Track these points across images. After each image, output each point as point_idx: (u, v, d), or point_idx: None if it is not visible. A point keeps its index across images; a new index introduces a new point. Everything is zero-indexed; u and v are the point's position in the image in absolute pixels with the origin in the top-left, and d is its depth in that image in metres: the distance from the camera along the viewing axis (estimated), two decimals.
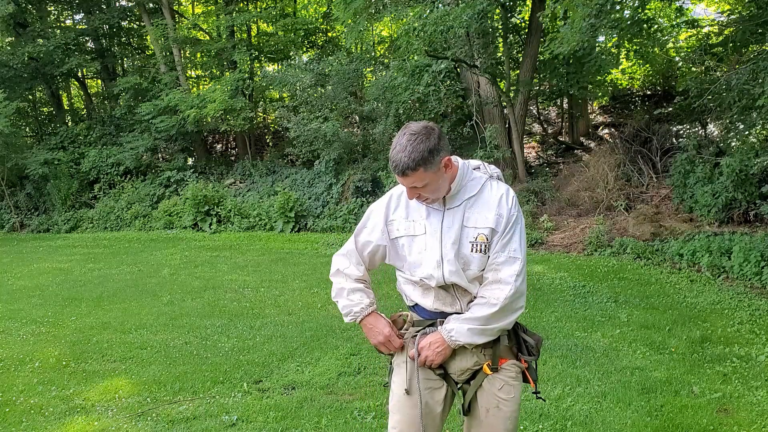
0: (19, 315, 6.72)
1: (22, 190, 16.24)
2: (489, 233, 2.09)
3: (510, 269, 2.08)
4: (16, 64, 15.35)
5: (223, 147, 18.46)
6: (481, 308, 2.09)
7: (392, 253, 2.23)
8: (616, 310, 5.92)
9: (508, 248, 2.10)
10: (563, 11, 7.23)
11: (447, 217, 2.13)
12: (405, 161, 1.97)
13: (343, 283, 2.27)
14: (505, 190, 2.15)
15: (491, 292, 2.09)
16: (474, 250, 2.10)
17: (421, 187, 2.03)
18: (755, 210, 8.01)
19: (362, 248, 2.26)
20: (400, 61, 11.66)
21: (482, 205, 2.13)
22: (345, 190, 12.66)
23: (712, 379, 4.21)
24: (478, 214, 2.11)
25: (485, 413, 2.19)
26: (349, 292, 2.25)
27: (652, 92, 14.57)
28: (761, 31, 8.16)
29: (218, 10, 16.11)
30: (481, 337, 2.12)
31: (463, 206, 2.12)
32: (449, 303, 2.18)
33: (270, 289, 7.47)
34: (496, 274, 2.09)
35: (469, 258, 2.11)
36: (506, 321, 2.12)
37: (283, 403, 4.02)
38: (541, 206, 10.54)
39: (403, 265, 2.22)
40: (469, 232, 2.11)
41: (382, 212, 2.23)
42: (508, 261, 2.09)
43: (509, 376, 2.19)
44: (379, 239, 2.22)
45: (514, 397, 2.19)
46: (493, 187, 2.16)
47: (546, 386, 4.15)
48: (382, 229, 2.21)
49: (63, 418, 3.97)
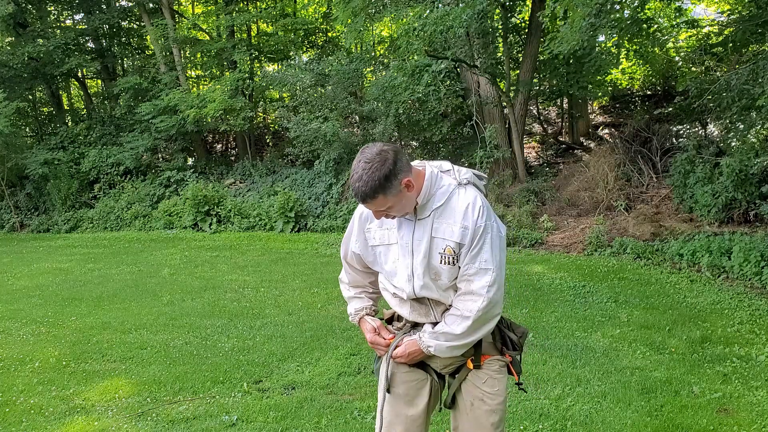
0: (19, 315, 6.72)
1: (22, 190, 16.23)
2: (455, 246, 2.07)
3: (481, 281, 2.05)
4: (16, 64, 15.32)
5: (223, 147, 18.45)
6: (455, 321, 2.09)
7: (370, 260, 2.28)
8: (616, 310, 5.92)
9: (478, 259, 2.05)
10: (563, 11, 7.23)
11: (418, 229, 2.11)
12: (363, 190, 1.94)
13: (344, 291, 2.44)
14: (472, 199, 2.07)
15: (464, 303, 2.09)
16: (443, 261, 2.08)
17: (385, 210, 2.03)
18: (755, 210, 8.01)
19: (349, 257, 2.36)
20: (400, 61, 11.66)
21: (449, 215, 2.08)
22: (345, 190, 12.66)
23: (712, 379, 4.21)
24: (445, 225, 2.08)
25: (470, 406, 2.22)
26: (348, 300, 2.41)
27: (652, 92, 14.57)
28: (761, 31, 8.16)
29: (218, 10, 16.09)
30: (460, 350, 2.15)
31: (432, 216, 2.09)
32: (424, 314, 2.21)
33: (270, 289, 7.47)
34: (468, 285, 2.08)
35: (438, 269, 2.10)
36: (484, 330, 2.13)
37: (283, 403, 4.02)
38: (541, 206, 10.54)
39: (383, 270, 2.26)
40: (438, 242, 2.09)
41: (357, 221, 2.27)
42: (479, 272, 2.05)
43: (493, 370, 2.22)
44: (359, 248, 2.28)
45: (499, 390, 2.20)
46: (460, 196, 2.09)
47: (546, 386, 4.15)
48: (357, 238, 2.28)
49: (63, 418, 3.97)
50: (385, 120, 11.93)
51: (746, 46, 9.15)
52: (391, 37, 14.26)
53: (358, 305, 2.36)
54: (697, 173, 8.78)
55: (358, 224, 2.26)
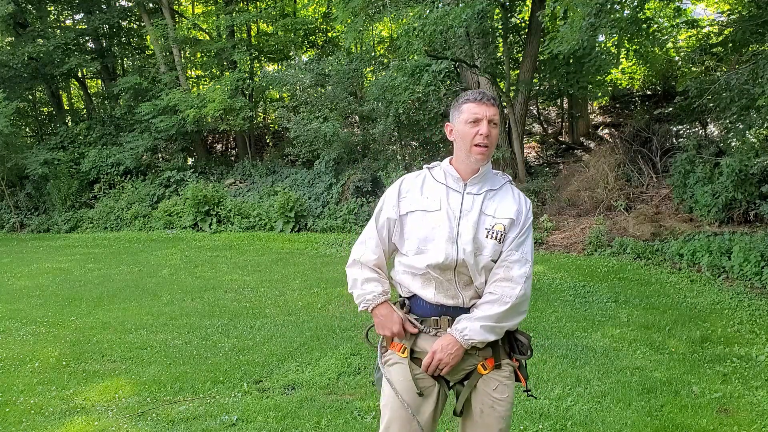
0: (19, 315, 6.71)
1: (22, 190, 16.24)
2: (508, 224, 2.14)
3: (521, 270, 2.12)
4: (16, 64, 15.34)
5: (223, 147, 18.46)
6: (493, 306, 2.09)
7: (398, 231, 2.21)
8: (616, 310, 5.92)
9: (521, 248, 2.15)
10: (563, 11, 7.23)
11: (466, 201, 2.16)
12: (488, 94, 2.14)
13: (357, 274, 2.23)
14: (523, 194, 2.27)
15: (502, 289, 2.10)
16: (489, 236, 2.12)
17: (494, 127, 2.13)
18: (755, 210, 8.01)
19: (381, 228, 2.24)
20: (400, 61, 11.66)
21: (502, 198, 2.19)
22: (345, 190, 12.66)
23: (712, 379, 4.21)
24: (498, 205, 2.17)
25: (479, 414, 2.18)
26: (363, 282, 2.21)
27: (652, 92, 14.57)
28: (761, 31, 8.17)
29: (218, 10, 16.11)
30: (492, 334, 2.11)
31: (484, 195, 2.17)
32: (451, 295, 2.15)
33: (270, 289, 7.47)
34: (508, 272, 2.11)
35: (483, 243, 2.13)
36: (513, 322, 2.14)
37: (283, 403, 4.02)
38: (541, 206, 10.54)
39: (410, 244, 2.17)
40: (487, 219, 2.15)
41: (395, 190, 2.25)
42: (520, 261, 2.13)
43: (503, 376, 2.19)
44: (392, 213, 2.22)
45: (508, 397, 2.18)
46: (513, 189, 2.26)
47: (546, 386, 4.15)
48: (393, 205, 2.22)
49: (63, 418, 3.97)
50: (385, 120, 11.93)
51: (746, 46, 9.15)
52: (391, 37, 14.27)
53: (381, 287, 2.19)
54: (697, 173, 8.78)
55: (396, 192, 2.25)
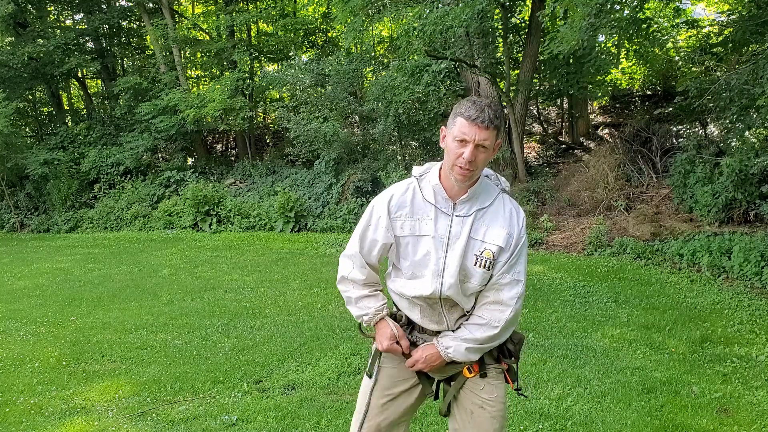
0: (19, 315, 6.71)
1: (22, 190, 16.24)
2: (497, 251, 2.04)
3: (512, 291, 2.07)
4: (16, 64, 15.34)
5: (223, 147, 18.46)
6: (481, 329, 2.08)
7: (394, 251, 2.15)
8: (616, 310, 5.92)
9: (513, 270, 2.07)
10: (563, 11, 7.23)
11: (455, 225, 2.05)
12: (489, 114, 1.91)
13: (349, 292, 2.21)
14: (516, 209, 2.11)
15: (492, 313, 2.08)
16: (478, 264, 2.04)
17: (483, 151, 1.95)
18: (755, 210, 8.01)
19: (369, 249, 2.16)
20: (400, 61, 11.66)
21: (492, 219, 2.07)
22: (345, 190, 12.66)
23: (712, 379, 4.21)
24: (488, 227, 2.06)
25: (470, 414, 2.19)
26: (357, 300, 2.20)
27: (652, 92, 14.57)
28: (761, 31, 8.17)
29: (218, 10, 16.11)
30: (476, 354, 2.13)
31: (473, 216, 2.06)
32: (435, 321, 2.16)
33: (270, 289, 7.47)
34: (498, 295, 2.07)
35: (471, 271, 2.06)
36: (501, 340, 2.14)
37: (283, 403, 4.02)
38: (541, 206, 10.54)
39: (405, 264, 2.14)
40: (476, 244, 2.05)
41: (384, 208, 2.11)
42: (512, 283, 2.07)
43: (490, 377, 2.19)
44: (384, 237, 2.12)
45: (498, 397, 2.18)
46: (505, 202, 2.11)
47: (546, 386, 4.15)
48: (386, 226, 2.11)
49: (63, 418, 3.97)
50: (385, 120, 11.93)
51: (746, 46, 9.16)
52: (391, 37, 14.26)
53: (376, 303, 2.17)
54: (697, 173, 8.78)
55: (387, 210, 2.10)
